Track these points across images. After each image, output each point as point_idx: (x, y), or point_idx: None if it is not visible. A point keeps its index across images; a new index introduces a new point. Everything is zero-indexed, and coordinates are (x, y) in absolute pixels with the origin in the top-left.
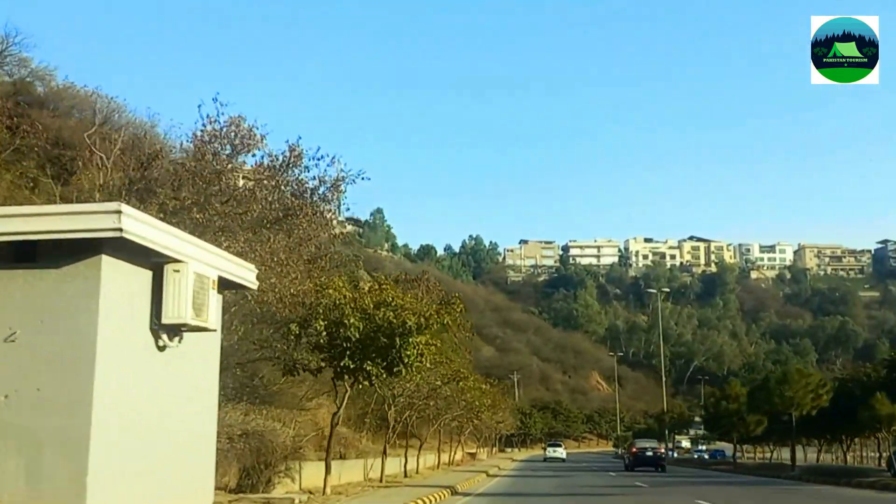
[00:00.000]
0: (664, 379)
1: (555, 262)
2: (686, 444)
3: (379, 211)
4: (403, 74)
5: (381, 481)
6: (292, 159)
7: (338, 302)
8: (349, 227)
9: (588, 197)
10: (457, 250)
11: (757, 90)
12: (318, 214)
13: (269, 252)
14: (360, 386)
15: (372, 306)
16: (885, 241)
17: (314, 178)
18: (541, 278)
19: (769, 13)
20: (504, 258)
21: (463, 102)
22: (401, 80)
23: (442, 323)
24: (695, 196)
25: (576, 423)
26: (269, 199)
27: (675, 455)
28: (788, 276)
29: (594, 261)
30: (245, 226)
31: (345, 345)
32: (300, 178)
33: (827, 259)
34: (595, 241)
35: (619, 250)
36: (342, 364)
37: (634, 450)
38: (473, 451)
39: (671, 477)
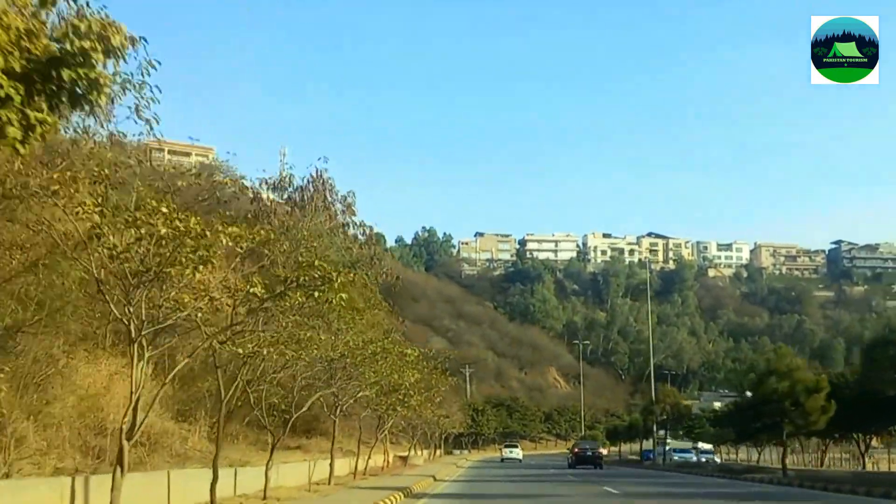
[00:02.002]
0: (652, 363)
1: (511, 255)
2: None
3: None
4: (354, 58)
5: None
6: None
7: None
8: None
9: (546, 191)
10: (409, 242)
11: (719, 90)
12: None
13: None
14: None
15: None
16: (839, 242)
17: None
18: (497, 272)
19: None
20: (458, 251)
21: (416, 89)
22: (350, 63)
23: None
24: (653, 193)
25: (533, 421)
26: None
27: (695, 457)
28: (745, 274)
29: (552, 255)
30: None
31: None
32: None
33: (782, 258)
34: (553, 235)
35: (578, 245)
36: None
37: (577, 450)
38: (405, 453)
39: (720, 499)
